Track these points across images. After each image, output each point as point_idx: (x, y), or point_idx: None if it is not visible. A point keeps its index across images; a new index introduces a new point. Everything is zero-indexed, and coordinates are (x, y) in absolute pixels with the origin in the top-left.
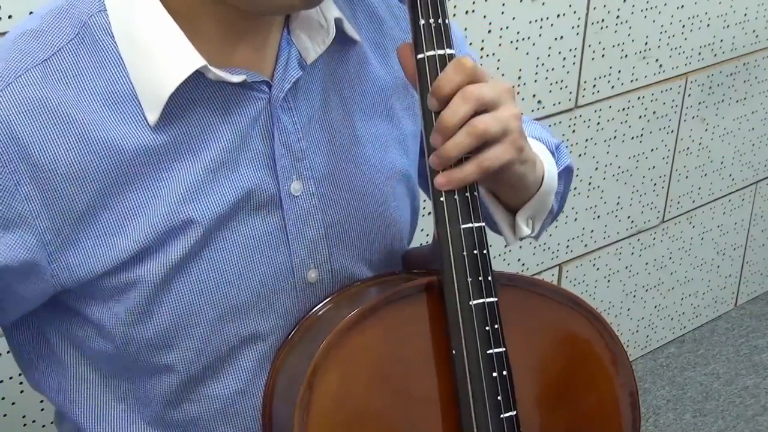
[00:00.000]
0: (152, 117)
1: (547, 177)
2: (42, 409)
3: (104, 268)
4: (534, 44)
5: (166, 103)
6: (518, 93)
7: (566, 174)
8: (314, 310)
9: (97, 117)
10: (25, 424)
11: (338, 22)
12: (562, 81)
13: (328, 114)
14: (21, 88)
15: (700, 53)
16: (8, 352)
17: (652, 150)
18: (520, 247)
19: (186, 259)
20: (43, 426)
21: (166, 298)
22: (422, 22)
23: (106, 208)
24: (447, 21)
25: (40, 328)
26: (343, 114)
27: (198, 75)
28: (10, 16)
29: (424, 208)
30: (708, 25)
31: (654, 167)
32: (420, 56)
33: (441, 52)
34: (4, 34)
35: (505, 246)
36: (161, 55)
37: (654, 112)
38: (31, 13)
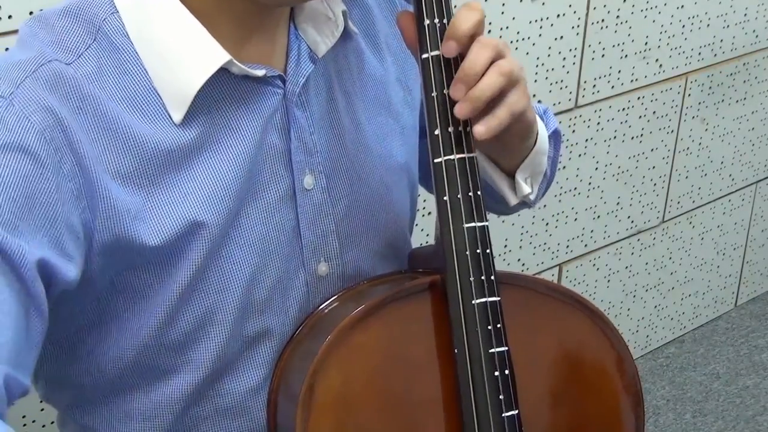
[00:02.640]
0: (178, 115)
1: (540, 136)
2: (42, 410)
3: (132, 262)
4: (534, 44)
5: (192, 100)
6: None
7: (555, 138)
8: (320, 307)
9: (122, 117)
10: (25, 424)
11: (344, 15)
12: (562, 81)
13: (334, 108)
14: (52, 71)
15: (700, 53)
16: None
17: (652, 150)
18: (520, 247)
19: (207, 257)
20: (43, 426)
21: (193, 294)
22: (427, 22)
23: (134, 202)
24: None
25: (52, 347)
26: (347, 107)
27: (221, 71)
28: (10, 16)
29: (424, 207)
30: (708, 25)
31: (654, 167)
32: (425, 56)
33: None
34: (4, 34)
35: (505, 246)
36: (184, 53)
37: (654, 112)
38: (31, 13)
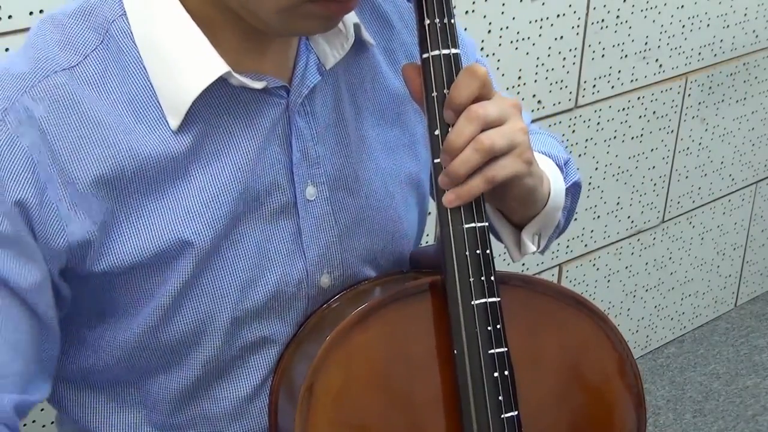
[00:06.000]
0: (174, 123)
1: (553, 194)
2: (42, 409)
3: (122, 269)
4: (534, 44)
5: (189, 109)
6: (518, 93)
7: (574, 189)
8: (322, 307)
9: (121, 122)
10: (25, 424)
11: (356, 28)
12: (562, 81)
13: (341, 119)
14: (49, 87)
15: (700, 53)
16: None
17: (652, 150)
18: None
19: (203, 264)
20: (43, 426)
21: (185, 301)
22: (428, 21)
23: (127, 212)
24: (453, 21)
25: None
26: (355, 119)
27: (220, 81)
28: (10, 16)
29: None
30: (708, 25)
31: (654, 167)
32: (425, 55)
33: (446, 51)
34: (4, 34)
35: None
36: (184, 61)
37: (654, 112)
38: (31, 13)
